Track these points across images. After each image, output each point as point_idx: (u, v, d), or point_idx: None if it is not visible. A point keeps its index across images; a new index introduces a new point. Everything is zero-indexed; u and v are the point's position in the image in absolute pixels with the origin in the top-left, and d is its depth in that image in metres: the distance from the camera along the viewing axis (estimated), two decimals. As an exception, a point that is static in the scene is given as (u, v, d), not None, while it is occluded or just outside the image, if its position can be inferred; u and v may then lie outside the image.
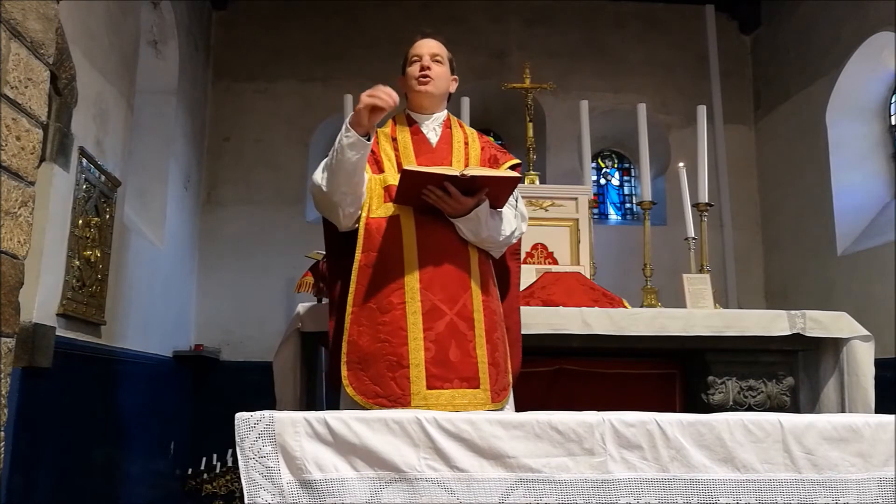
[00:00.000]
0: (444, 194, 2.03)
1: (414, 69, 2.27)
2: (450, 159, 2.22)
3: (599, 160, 6.79)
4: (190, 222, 5.68)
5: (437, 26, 6.67)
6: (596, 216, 5.93)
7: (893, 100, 5.35)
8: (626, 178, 6.83)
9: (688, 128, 5.83)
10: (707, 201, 3.63)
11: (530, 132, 4.07)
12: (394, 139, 2.24)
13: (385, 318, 2.04)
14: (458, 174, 1.99)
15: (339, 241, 2.23)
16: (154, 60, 5.07)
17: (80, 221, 3.51)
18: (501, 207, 2.16)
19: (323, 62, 6.16)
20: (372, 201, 2.15)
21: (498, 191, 2.10)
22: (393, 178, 2.15)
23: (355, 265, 2.12)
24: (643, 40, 6.46)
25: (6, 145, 1.59)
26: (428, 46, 2.29)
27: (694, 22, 6.55)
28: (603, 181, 6.77)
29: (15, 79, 1.61)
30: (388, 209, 2.13)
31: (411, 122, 2.29)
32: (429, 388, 1.98)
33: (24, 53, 1.65)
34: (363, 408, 1.96)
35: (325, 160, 2.12)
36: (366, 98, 2.00)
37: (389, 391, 1.99)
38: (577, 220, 3.65)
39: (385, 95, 1.99)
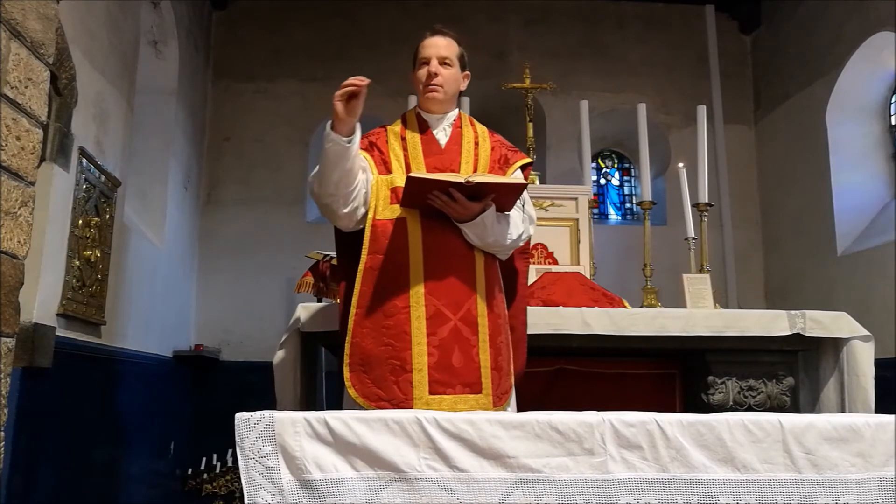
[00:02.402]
0: (449, 200, 2.02)
1: (422, 74, 2.25)
2: (458, 160, 2.20)
3: (599, 160, 6.79)
4: (190, 222, 5.67)
5: (437, 26, 6.61)
6: (596, 216, 5.93)
7: (893, 100, 5.35)
8: (626, 178, 6.83)
9: (688, 128, 5.82)
10: (707, 201, 3.64)
11: (530, 132, 4.07)
12: (403, 139, 2.23)
13: (389, 322, 2.04)
14: (462, 181, 1.98)
15: (347, 243, 2.23)
16: (154, 60, 5.07)
17: (80, 221, 3.51)
18: (508, 211, 2.15)
19: (323, 62, 6.16)
20: (378, 203, 2.14)
21: (504, 196, 2.09)
22: (400, 180, 2.13)
23: (360, 267, 2.12)
24: (643, 40, 6.45)
25: (6, 145, 1.59)
26: (436, 48, 2.25)
27: (694, 22, 6.55)
28: (603, 181, 6.77)
29: (15, 79, 1.61)
30: (395, 211, 2.12)
31: (421, 122, 2.27)
32: (431, 393, 1.99)
33: (24, 53, 1.65)
34: (365, 410, 1.96)
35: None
36: (336, 99, 1.99)
37: (392, 395, 1.99)
38: (577, 220, 3.65)
39: (349, 84, 1.97)
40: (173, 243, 5.19)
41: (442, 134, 2.26)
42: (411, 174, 2.04)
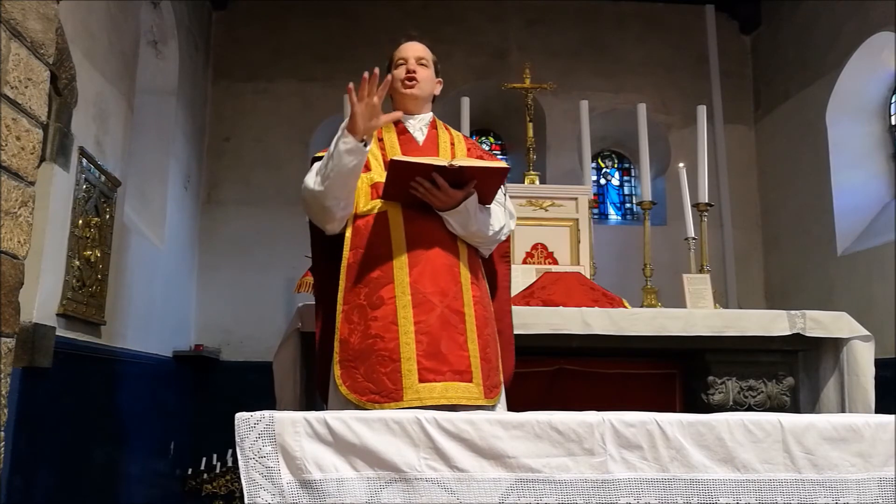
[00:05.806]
0: (432, 186, 2.02)
1: (400, 72, 2.27)
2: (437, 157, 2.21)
3: (599, 160, 6.79)
4: (190, 222, 5.67)
5: (436, 26, 6.68)
6: (596, 216, 5.93)
7: (893, 100, 5.35)
8: (626, 178, 6.83)
9: (688, 128, 5.83)
10: (707, 201, 3.64)
11: (530, 132, 4.07)
12: (380, 139, 2.25)
13: (376, 314, 2.03)
14: (446, 164, 1.99)
15: (326, 244, 2.23)
16: (154, 60, 5.07)
17: (80, 221, 3.51)
18: (490, 203, 2.16)
19: (323, 62, 6.16)
20: (359, 199, 2.15)
21: (486, 183, 2.09)
22: (380, 176, 2.15)
23: (343, 263, 2.12)
24: (643, 40, 6.46)
25: (6, 145, 1.59)
26: (413, 49, 2.30)
27: (694, 22, 6.55)
28: (603, 181, 6.77)
29: (15, 79, 1.61)
30: (375, 206, 2.13)
31: (397, 123, 2.28)
32: (421, 381, 1.97)
33: (24, 53, 1.66)
34: (357, 406, 1.96)
35: (318, 164, 2.11)
36: (357, 106, 2.01)
37: (381, 387, 1.98)
38: (577, 220, 3.66)
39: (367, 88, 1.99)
40: (173, 243, 5.19)
41: (419, 133, 2.28)
42: (394, 157, 2.04)
